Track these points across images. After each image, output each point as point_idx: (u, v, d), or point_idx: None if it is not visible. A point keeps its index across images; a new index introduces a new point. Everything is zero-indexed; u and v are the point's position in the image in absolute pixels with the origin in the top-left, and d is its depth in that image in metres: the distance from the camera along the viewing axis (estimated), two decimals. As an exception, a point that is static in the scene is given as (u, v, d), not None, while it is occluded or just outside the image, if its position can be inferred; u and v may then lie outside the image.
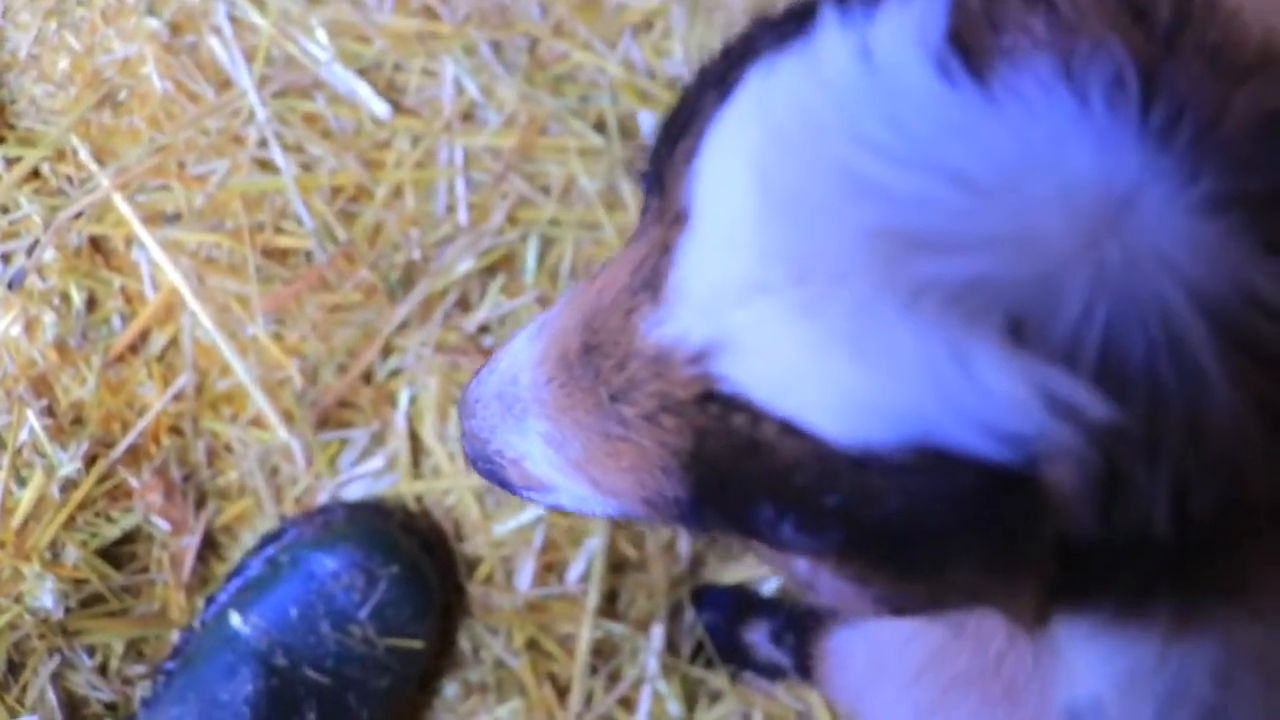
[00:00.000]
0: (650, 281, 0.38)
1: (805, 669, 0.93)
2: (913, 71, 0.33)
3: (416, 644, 0.97)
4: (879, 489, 0.33)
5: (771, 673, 1.02)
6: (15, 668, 0.97)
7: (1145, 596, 0.33)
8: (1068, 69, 0.32)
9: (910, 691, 0.54)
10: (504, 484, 0.48)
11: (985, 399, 0.31)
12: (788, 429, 0.34)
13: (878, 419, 0.32)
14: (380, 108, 1.04)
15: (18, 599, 0.95)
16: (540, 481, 0.46)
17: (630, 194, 1.06)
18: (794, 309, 0.33)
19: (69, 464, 0.96)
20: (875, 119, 0.33)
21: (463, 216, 1.04)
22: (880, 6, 0.35)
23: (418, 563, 0.98)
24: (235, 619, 0.94)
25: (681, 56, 1.08)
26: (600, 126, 1.06)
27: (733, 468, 0.36)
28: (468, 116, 1.06)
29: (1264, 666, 0.34)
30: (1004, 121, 0.32)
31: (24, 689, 0.97)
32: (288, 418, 1.01)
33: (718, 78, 0.38)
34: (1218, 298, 0.31)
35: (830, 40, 0.35)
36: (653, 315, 0.37)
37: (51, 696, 0.97)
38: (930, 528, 0.33)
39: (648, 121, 1.07)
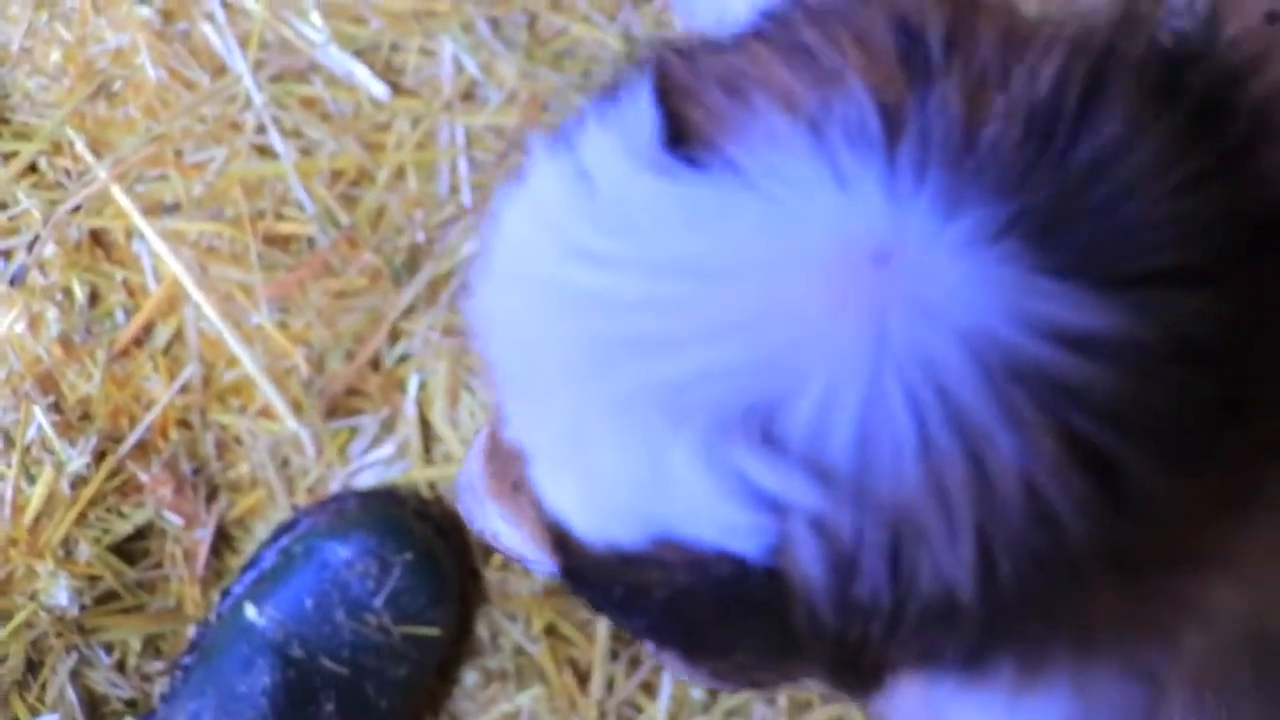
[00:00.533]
0: None
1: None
2: (627, 177, 0.32)
3: (433, 631, 0.96)
4: (645, 580, 0.33)
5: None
6: (34, 666, 0.97)
7: (980, 654, 0.32)
8: (812, 124, 0.30)
9: None
10: (509, 557, 0.50)
11: (696, 497, 0.30)
12: (561, 528, 0.34)
13: (615, 519, 0.32)
14: (379, 89, 1.03)
15: (33, 597, 0.95)
16: (520, 553, 0.48)
17: (635, 168, 1.04)
18: (530, 423, 0.35)
19: (78, 460, 0.96)
20: (590, 231, 0.32)
21: (466, 197, 1.03)
22: (587, 123, 0.34)
23: (432, 549, 0.97)
24: (250, 611, 0.93)
25: (682, 27, 1.06)
26: (603, 101, 1.05)
27: (557, 557, 0.37)
28: (468, 95, 1.05)
29: (1116, 710, 0.33)
30: (734, 199, 0.31)
31: (43, 687, 0.97)
32: (296, 407, 1.00)
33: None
34: (996, 337, 0.29)
35: (542, 171, 0.34)
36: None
37: (71, 695, 0.97)
38: (702, 613, 0.33)
39: (651, 94, 1.05)
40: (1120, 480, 0.29)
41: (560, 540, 0.35)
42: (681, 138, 0.33)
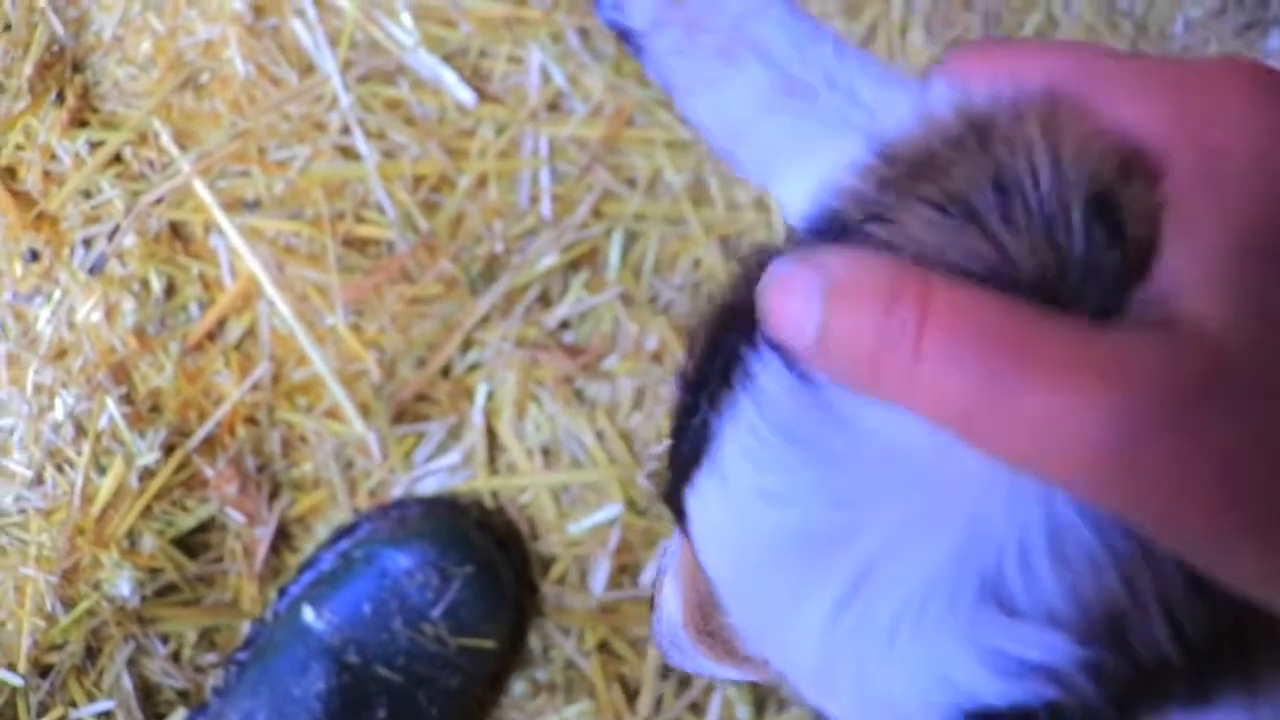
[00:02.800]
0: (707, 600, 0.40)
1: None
2: (797, 420, 0.33)
3: (488, 644, 0.95)
4: None
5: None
6: (93, 654, 0.97)
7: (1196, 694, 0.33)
8: None
9: None
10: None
11: (976, 686, 0.31)
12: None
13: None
14: (465, 95, 1.02)
15: (96, 586, 0.95)
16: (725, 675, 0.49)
17: (718, 189, 1.03)
18: (768, 642, 0.35)
19: (147, 453, 0.96)
20: (774, 473, 0.33)
21: (546, 209, 1.02)
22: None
23: (492, 562, 0.97)
24: (308, 614, 0.93)
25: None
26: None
27: None
28: (553, 106, 1.04)
29: None
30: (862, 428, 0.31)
31: (100, 674, 0.97)
32: (364, 410, 1.00)
33: (699, 398, 0.37)
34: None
35: (727, 439, 0.34)
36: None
37: (127, 683, 0.97)
38: None
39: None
40: None
41: None
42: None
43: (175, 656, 1.00)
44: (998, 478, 0.30)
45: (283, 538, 1.02)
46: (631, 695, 1.01)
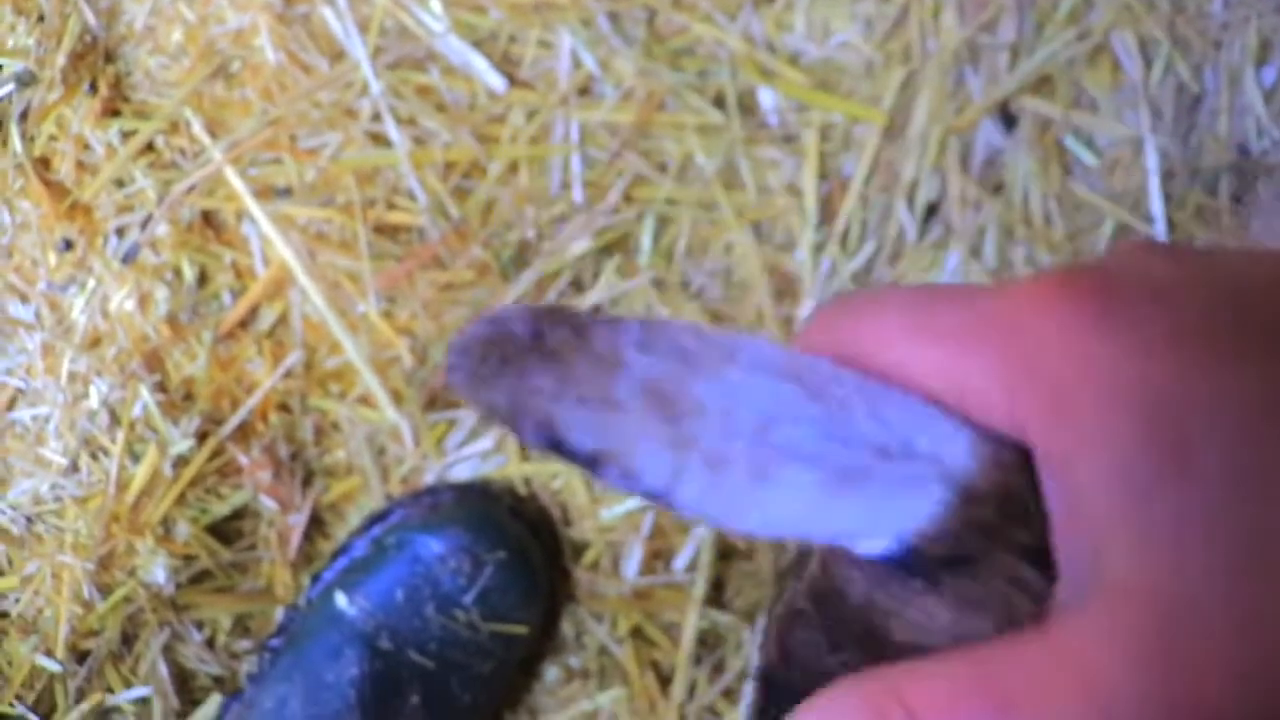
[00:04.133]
0: None
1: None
2: None
3: (521, 630, 0.95)
4: None
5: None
6: (129, 640, 0.98)
7: None
8: None
9: None
10: None
11: None
12: None
13: None
14: (495, 81, 1.02)
15: (131, 573, 0.96)
16: None
17: (749, 174, 1.02)
18: None
19: (181, 441, 0.96)
20: None
21: (577, 194, 1.02)
22: None
23: (525, 548, 0.97)
24: (341, 599, 0.93)
25: (803, 30, 1.04)
26: (719, 102, 1.03)
27: None
28: (584, 90, 1.03)
29: None
30: None
31: (136, 660, 0.98)
32: (396, 397, 1.00)
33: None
34: None
35: None
36: None
37: (162, 669, 0.98)
38: None
39: (768, 99, 1.03)
40: None
41: None
42: None
43: (210, 643, 1.01)
44: None
45: (316, 524, 1.02)
46: (665, 681, 1.01)
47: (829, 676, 0.34)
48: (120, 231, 0.99)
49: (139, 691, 0.97)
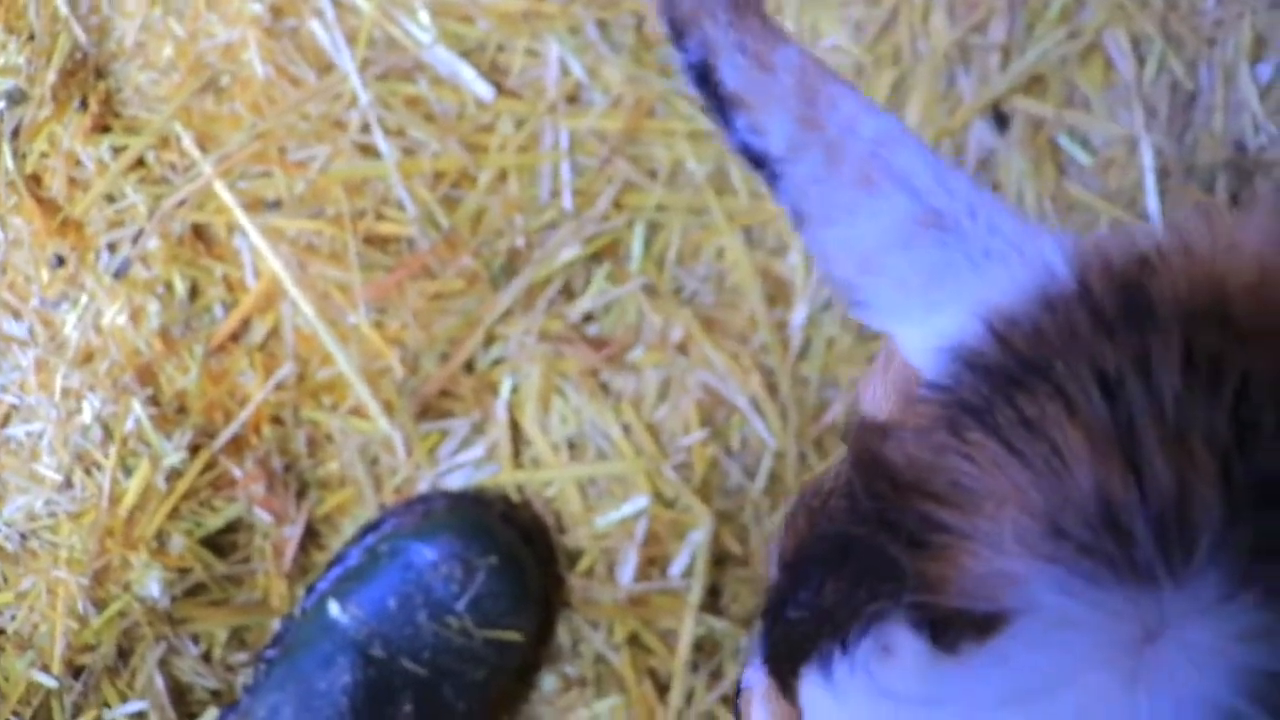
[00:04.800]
0: None
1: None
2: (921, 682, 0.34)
3: (514, 636, 0.95)
4: None
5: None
6: (125, 654, 0.98)
7: None
8: (1053, 529, 0.32)
9: None
10: None
11: None
12: None
13: None
14: (483, 90, 1.02)
15: (126, 588, 0.96)
16: None
17: (739, 179, 1.02)
18: None
19: (174, 454, 0.96)
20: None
21: (567, 202, 1.01)
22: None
23: (517, 554, 0.96)
24: (334, 608, 0.94)
25: (793, 32, 1.04)
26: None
27: None
28: (573, 98, 1.03)
29: None
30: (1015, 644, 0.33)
31: (133, 675, 0.98)
32: (388, 407, 1.00)
33: (801, 588, 0.38)
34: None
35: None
36: None
37: (159, 683, 0.98)
38: None
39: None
40: None
41: None
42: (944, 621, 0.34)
43: (206, 656, 1.01)
44: None
45: (310, 536, 1.02)
46: (662, 688, 1.01)
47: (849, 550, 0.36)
48: (112, 247, 1.00)
49: (136, 706, 0.97)
